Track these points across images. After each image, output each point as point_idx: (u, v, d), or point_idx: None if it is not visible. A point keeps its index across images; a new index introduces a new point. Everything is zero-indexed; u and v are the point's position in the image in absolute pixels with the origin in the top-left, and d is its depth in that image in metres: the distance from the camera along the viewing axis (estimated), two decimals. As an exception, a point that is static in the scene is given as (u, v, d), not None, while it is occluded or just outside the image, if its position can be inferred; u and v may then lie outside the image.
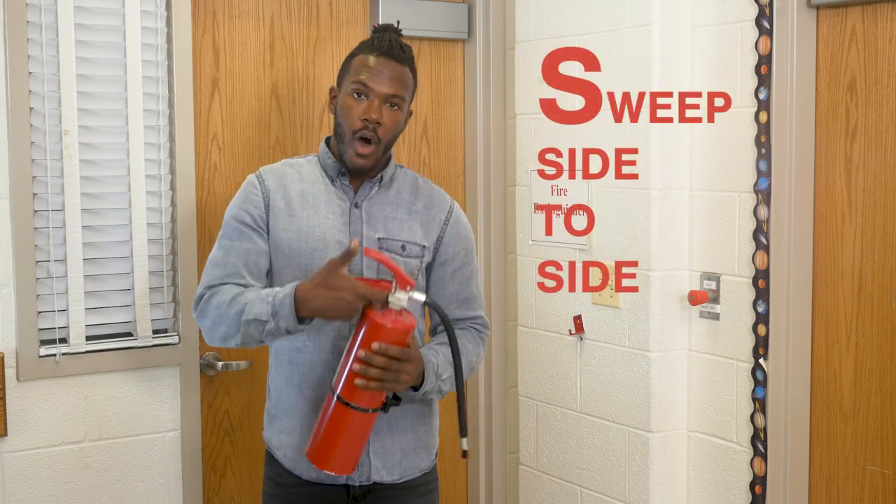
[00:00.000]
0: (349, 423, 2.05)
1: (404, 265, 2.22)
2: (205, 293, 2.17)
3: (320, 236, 2.19)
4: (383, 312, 2.01)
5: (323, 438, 2.07)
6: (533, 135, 3.06)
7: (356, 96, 2.17)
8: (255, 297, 2.08)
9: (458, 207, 2.35)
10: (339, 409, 2.04)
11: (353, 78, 2.18)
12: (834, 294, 2.56)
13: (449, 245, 2.30)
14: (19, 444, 2.59)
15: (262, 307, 2.05)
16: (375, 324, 1.99)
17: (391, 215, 2.25)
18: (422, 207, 2.29)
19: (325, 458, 2.07)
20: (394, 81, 2.17)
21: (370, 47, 2.20)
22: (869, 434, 2.52)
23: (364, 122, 2.15)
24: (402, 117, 2.21)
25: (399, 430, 2.26)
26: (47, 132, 2.58)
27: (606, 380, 2.88)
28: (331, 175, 2.24)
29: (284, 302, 2.02)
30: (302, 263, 2.18)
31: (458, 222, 2.33)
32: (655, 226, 2.72)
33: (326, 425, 2.06)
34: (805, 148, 2.56)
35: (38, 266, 2.59)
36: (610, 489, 2.89)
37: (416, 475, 2.30)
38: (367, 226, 2.22)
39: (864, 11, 2.46)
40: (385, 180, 2.26)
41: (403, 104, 2.20)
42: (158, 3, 2.71)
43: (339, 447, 2.07)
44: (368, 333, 2.00)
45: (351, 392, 2.02)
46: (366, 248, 2.12)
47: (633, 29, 2.73)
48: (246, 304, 2.08)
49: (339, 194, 2.24)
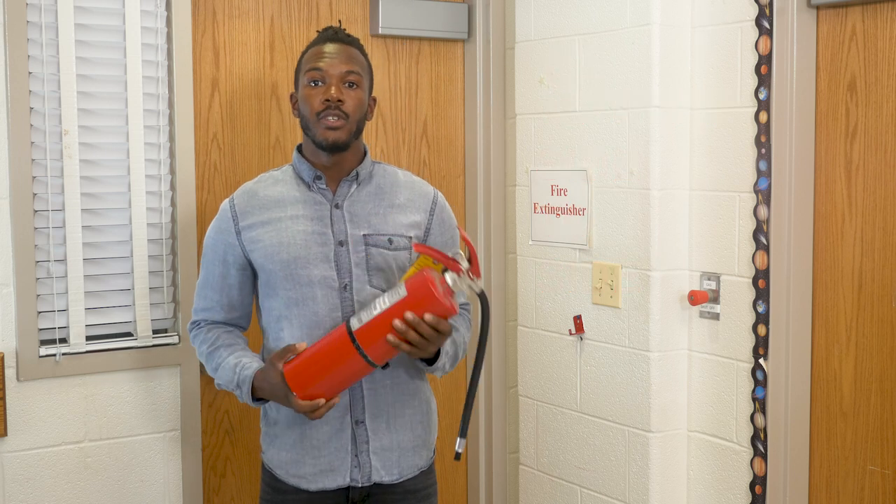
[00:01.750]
0: (347, 364, 2.05)
1: (394, 259, 2.22)
2: (192, 327, 2.34)
3: (302, 243, 2.20)
4: (444, 291, 2.02)
5: (313, 365, 2.06)
6: (533, 135, 3.06)
7: (313, 85, 2.20)
8: (227, 362, 2.22)
9: (441, 196, 2.36)
10: (346, 348, 2.04)
11: (306, 69, 2.22)
12: (834, 294, 2.56)
13: (437, 235, 2.32)
14: (19, 444, 2.59)
15: (230, 377, 2.20)
16: (436, 298, 1.99)
17: (373, 211, 2.25)
18: (405, 200, 2.29)
19: (304, 384, 2.07)
20: (344, 60, 2.21)
21: (314, 42, 2.25)
22: (869, 434, 2.52)
23: (325, 102, 2.17)
24: (363, 95, 2.23)
25: (397, 428, 2.26)
26: (47, 132, 2.58)
27: (606, 380, 2.88)
28: (307, 180, 2.25)
29: (244, 383, 2.17)
30: (287, 274, 2.21)
31: (444, 210, 2.35)
32: (655, 226, 2.72)
33: (324, 356, 2.06)
34: (805, 148, 2.56)
35: (38, 266, 2.59)
36: (610, 489, 2.89)
37: (415, 474, 2.31)
38: (350, 224, 2.23)
39: (864, 11, 2.46)
40: (362, 176, 2.27)
41: (361, 81, 2.22)
42: (158, 3, 2.71)
43: (323, 381, 2.06)
44: (422, 303, 2.00)
45: (370, 339, 2.03)
46: (460, 230, 2.15)
47: (632, 29, 2.73)
48: (219, 367, 2.24)
49: (318, 198, 2.24)
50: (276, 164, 2.96)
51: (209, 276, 2.30)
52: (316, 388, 2.07)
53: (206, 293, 2.31)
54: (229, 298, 2.29)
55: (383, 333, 2.02)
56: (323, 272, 2.19)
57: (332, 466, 2.23)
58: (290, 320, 2.21)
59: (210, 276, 2.29)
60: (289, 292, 2.20)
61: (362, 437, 2.23)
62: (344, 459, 2.23)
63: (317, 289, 2.19)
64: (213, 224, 2.30)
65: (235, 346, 2.26)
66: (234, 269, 2.27)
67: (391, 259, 2.23)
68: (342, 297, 2.20)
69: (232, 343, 2.27)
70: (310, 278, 2.19)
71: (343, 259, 2.21)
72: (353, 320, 2.06)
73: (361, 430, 2.23)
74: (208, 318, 2.31)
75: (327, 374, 2.06)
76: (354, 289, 2.21)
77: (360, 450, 2.23)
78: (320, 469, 2.23)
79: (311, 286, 2.19)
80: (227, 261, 2.27)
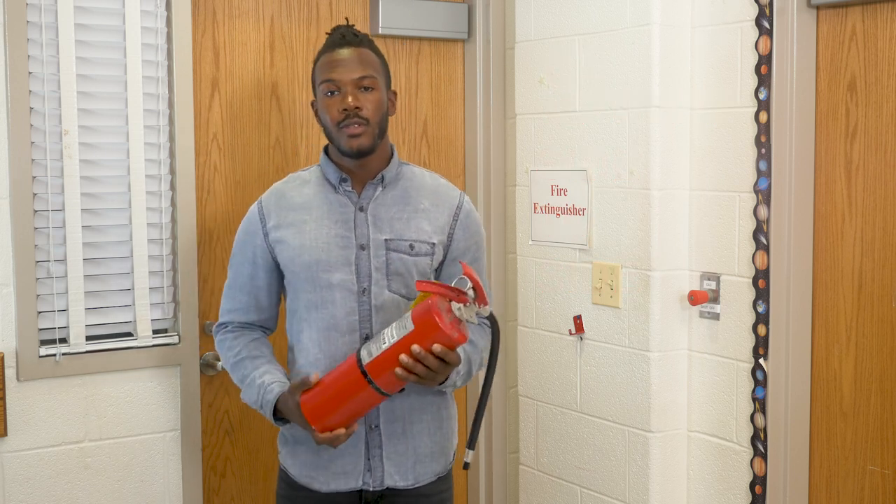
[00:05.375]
0: (361, 396, 2.08)
1: (414, 264, 2.22)
2: (219, 329, 2.35)
3: (324, 247, 2.21)
4: (451, 321, 2.02)
5: (328, 398, 2.09)
6: (533, 135, 3.06)
7: (329, 95, 2.20)
8: (251, 379, 2.23)
9: (468, 201, 2.35)
10: (358, 381, 2.06)
11: (320, 80, 2.22)
12: (834, 294, 2.56)
13: (460, 241, 2.30)
14: (19, 444, 2.59)
15: (255, 397, 2.21)
16: (441, 331, 1.99)
17: (397, 215, 2.25)
18: (429, 205, 2.28)
19: (320, 417, 2.10)
20: (356, 65, 2.19)
21: (325, 48, 2.24)
22: (869, 434, 2.52)
23: (343, 112, 2.17)
24: (381, 96, 2.22)
25: (413, 435, 2.26)
26: (47, 132, 2.58)
27: (606, 380, 2.87)
28: (333, 183, 2.25)
29: (267, 406, 2.18)
30: (308, 277, 2.22)
31: (469, 216, 2.32)
32: (655, 226, 2.72)
33: (338, 389, 2.08)
34: (805, 148, 2.56)
35: (38, 266, 2.59)
36: (610, 489, 2.89)
37: (431, 479, 2.30)
38: (373, 228, 2.23)
39: (864, 11, 2.46)
40: (388, 179, 2.27)
41: (377, 83, 2.21)
42: (158, 3, 2.71)
43: (338, 413, 2.09)
44: (429, 335, 2.00)
45: (379, 372, 2.05)
46: (462, 264, 2.11)
47: (632, 29, 2.73)
48: (244, 382, 2.25)
49: (343, 201, 2.24)
50: (275, 164, 2.96)
51: (237, 277, 2.31)
52: (332, 420, 2.10)
53: (235, 294, 2.32)
54: (257, 300, 2.31)
55: (392, 367, 2.03)
56: (343, 276, 2.20)
57: (345, 470, 2.24)
58: (309, 323, 2.22)
59: (238, 276, 2.31)
60: (309, 295, 2.22)
61: (375, 441, 2.24)
62: (357, 464, 2.24)
63: (336, 292, 2.20)
64: (242, 226, 2.32)
65: (260, 357, 2.27)
66: (263, 270, 2.28)
67: (411, 265, 2.23)
68: (360, 301, 2.21)
69: (257, 355, 2.27)
70: (330, 282, 2.20)
71: (363, 263, 2.21)
72: (363, 353, 2.07)
73: (375, 434, 2.24)
74: (235, 319, 2.32)
75: (342, 406, 2.09)
76: (373, 293, 2.21)
77: (372, 454, 2.24)
78: (333, 472, 2.25)
79: (331, 289, 2.20)
80: (255, 262, 2.28)
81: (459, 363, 2.07)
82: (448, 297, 2.03)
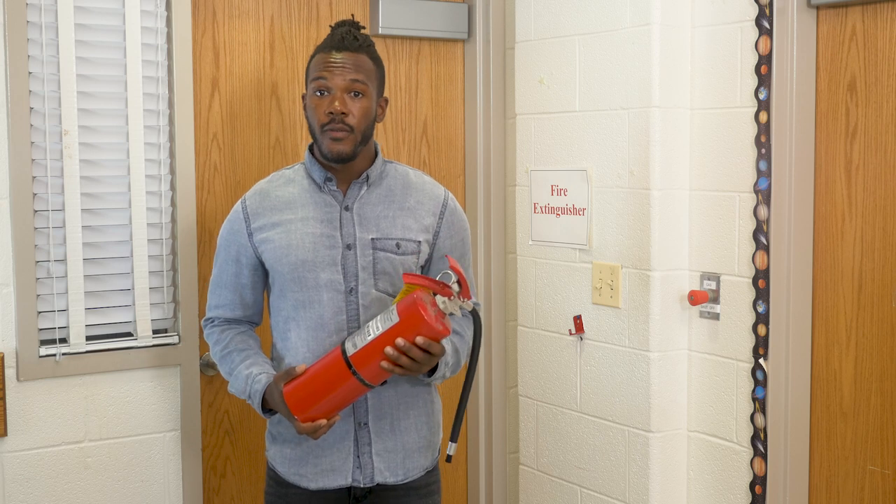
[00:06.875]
0: (345, 387, 2.09)
1: (401, 263, 2.23)
2: (206, 323, 2.37)
3: (310, 246, 2.21)
4: (435, 314, 2.05)
5: (312, 389, 2.10)
6: (533, 135, 3.06)
7: (319, 94, 2.20)
8: (239, 370, 2.24)
9: (452, 198, 2.36)
10: (342, 372, 2.08)
11: (312, 77, 2.22)
12: (834, 294, 2.56)
13: (445, 238, 2.32)
14: (19, 444, 2.59)
15: (242, 387, 2.23)
16: (426, 323, 2.02)
17: (383, 214, 2.25)
18: (414, 203, 2.29)
19: (304, 407, 2.11)
20: (350, 70, 2.19)
21: (323, 45, 2.24)
22: (869, 434, 2.52)
23: (329, 115, 2.17)
24: (369, 104, 2.22)
25: (402, 431, 2.27)
26: (47, 132, 2.58)
27: (606, 380, 2.88)
28: (318, 182, 2.25)
29: (255, 396, 2.20)
30: (295, 277, 2.22)
31: (454, 214, 2.34)
32: (655, 226, 2.72)
33: (322, 380, 2.09)
34: (805, 148, 2.56)
35: (38, 266, 2.59)
36: (610, 489, 2.89)
37: (420, 474, 2.31)
38: (359, 227, 2.23)
39: (864, 11, 2.46)
40: (373, 178, 2.27)
41: (367, 90, 2.21)
42: (158, 3, 2.71)
43: (322, 403, 2.11)
44: (413, 327, 2.03)
45: (364, 363, 2.06)
46: (448, 258, 2.15)
47: (632, 29, 2.73)
48: (231, 374, 2.27)
49: (328, 200, 2.25)
50: (275, 164, 2.96)
51: (222, 275, 2.32)
52: (315, 410, 2.11)
53: (220, 291, 2.33)
54: (242, 297, 2.32)
55: (377, 358, 2.06)
56: (330, 275, 2.20)
57: (334, 467, 2.24)
58: (297, 322, 2.23)
59: (223, 274, 2.32)
60: (296, 294, 2.22)
61: (364, 439, 2.24)
62: (346, 460, 2.24)
63: (323, 292, 2.20)
64: (226, 224, 2.32)
65: (248, 350, 2.29)
66: (247, 269, 2.30)
67: (398, 263, 2.23)
68: (348, 301, 2.21)
69: (244, 348, 2.29)
70: (317, 281, 2.20)
71: (350, 263, 2.21)
72: (347, 344, 2.09)
73: (364, 432, 2.24)
74: (222, 315, 2.34)
75: (325, 397, 2.10)
76: (360, 292, 2.21)
77: (362, 451, 2.24)
78: (321, 469, 2.24)
79: (318, 289, 2.20)
80: (239, 261, 2.29)
81: (444, 354, 2.09)
82: (433, 289, 2.06)
